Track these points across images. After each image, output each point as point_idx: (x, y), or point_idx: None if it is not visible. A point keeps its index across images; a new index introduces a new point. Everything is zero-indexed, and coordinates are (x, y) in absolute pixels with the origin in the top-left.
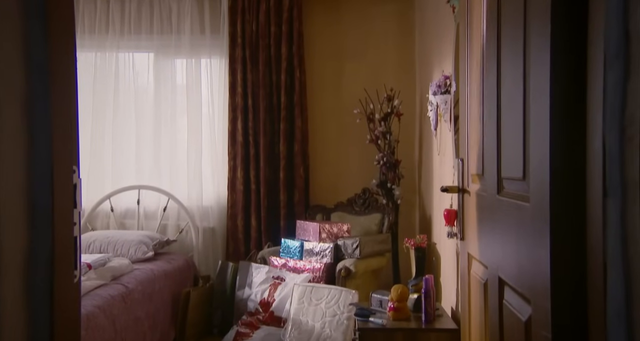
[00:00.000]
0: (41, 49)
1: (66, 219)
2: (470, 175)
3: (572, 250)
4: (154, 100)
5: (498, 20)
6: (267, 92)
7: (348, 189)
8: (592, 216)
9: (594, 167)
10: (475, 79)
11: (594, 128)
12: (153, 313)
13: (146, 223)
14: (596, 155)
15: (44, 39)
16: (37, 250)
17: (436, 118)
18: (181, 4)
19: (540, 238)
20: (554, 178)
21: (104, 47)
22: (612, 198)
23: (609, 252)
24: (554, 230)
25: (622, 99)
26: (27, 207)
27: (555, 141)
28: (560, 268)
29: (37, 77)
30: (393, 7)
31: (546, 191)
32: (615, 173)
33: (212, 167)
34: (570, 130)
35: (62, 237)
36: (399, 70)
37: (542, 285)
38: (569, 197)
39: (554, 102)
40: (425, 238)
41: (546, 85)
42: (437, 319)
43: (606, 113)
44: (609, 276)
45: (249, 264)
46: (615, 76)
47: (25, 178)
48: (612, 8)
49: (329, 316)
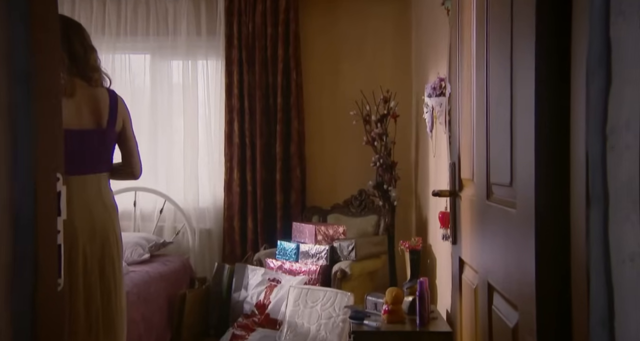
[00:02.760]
0: (24, 57)
1: (50, 227)
2: (462, 179)
3: (557, 258)
4: (150, 102)
5: (486, 25)
6: (264, 93)
7: (344, 191)
8: (576, 224)
9: (578, 176)
10: (466, 82)
11: (577, 136)
12: (148, 315)
13: (143, 224)
14: (579, 163)
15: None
16: (20, 260)
17: (432, 120)
18: (177, 5)
19: (526, 245)
20: (538, 186)
21: (100, 48)
22: (595, 206)
23: (592, 261)
24: (539, 237)
25: (604, 108)
26: (9, 216)
27: (540, 148)
28: (546, 276)
29: (20, 87)
30: (390, 9)
31: (531, 198)
32: (598, 182)
33: (208, 168)
34: (554, 138)
35: (46, 246)
36: (396, 72)
37: (528, 292)
38: (554, 204)
39: (539, 109)
40: (420, 241)
41: (531, 92)
42: (431, 322)
43: (589, 121)
44: (592, 285)
45: (245, 266)
46: (597, 84)
47: (8, 187)
48: (594, 16)
49: (325, 319)
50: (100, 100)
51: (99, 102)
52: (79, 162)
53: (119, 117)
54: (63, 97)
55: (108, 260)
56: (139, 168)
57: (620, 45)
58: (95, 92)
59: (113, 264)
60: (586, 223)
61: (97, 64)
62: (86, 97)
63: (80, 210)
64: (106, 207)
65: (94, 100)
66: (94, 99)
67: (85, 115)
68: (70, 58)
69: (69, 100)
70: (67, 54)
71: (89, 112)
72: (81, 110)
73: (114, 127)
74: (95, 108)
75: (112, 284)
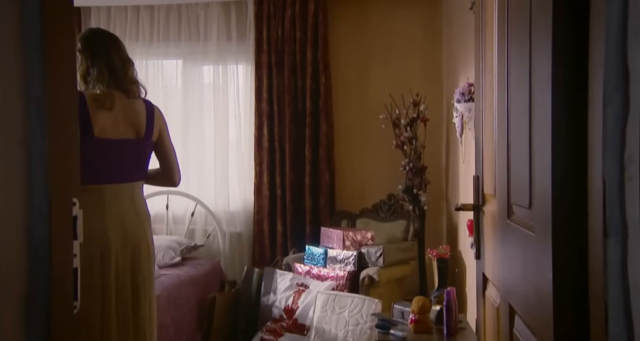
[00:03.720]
0: (39, 85)
1: (65, 252)
2: (485, 194)
3: (574, 288)
4: (182, 107)
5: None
6: (293, 97)
7: (373, 195)
8: (594, 255)
9: (595, 205)
10: (488, 95)
11: (594, 165)
12: (178, 319)
13: (175, 227)
14: (597, 192)
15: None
16: (35, 284)
17: (461, 125)
18: (208, 11)
19: (544, 271)
20: (555, 213)
21: (134, 54)
22: (613, 238)
23: (610, 294)
24: (556, 265)
25: (621, 137)
26: (25, 241)
27: (557, 174)
28: (563, 306)
29: (35, 113)
30: (419, 12)
31: (549, 225)
32: (615, 213)
33: (238, 172)
34: (572, 165)
35: (61, 270)
36: (426, 75)
37: (546, 320)
38: (572, 233)
39: (556, 134)
40: (448, 249)
41: (548, 116)
42: (459, 332)
43: (606, 150)
44: (610, 318)
45: (274, 270)
46: (614, 112)
47: (23, 212)
48: (610, 41)
49: (352, 325)
50: (137, 111)
51: (136, 113)
52: (114, 171)
53: (155, 127)
54: (102, 110)
55: (138, 269)
56: (178, 176)
57: (638, 72)
58: (132, 104)
59: (143, 273)
60: (603, 255)
61: (134, 76)
62: (124, 108)
63: (113, 219)
64: (139, 215)
65: (131, 111)
66: (131, 110)
67: (122, 125)
68: (110, 72)
69: (107, 112)
70: (107, 68)
71: (126, 122)
72: (118, 121)
73: (151, 137)
74: (132, 119)
75: (142, 292)
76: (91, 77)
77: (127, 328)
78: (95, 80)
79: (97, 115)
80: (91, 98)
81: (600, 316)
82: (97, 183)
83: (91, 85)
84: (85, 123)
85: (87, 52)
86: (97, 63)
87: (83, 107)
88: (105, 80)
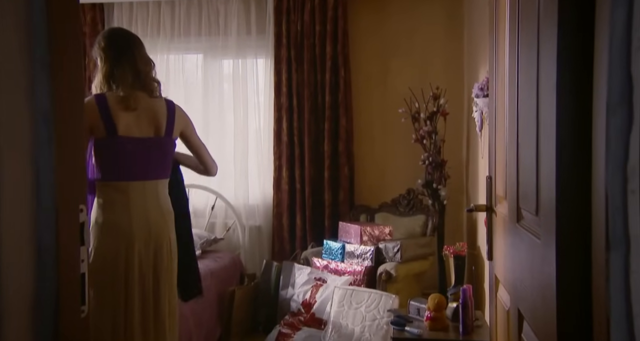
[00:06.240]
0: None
1: (72, 258)
2: (497, 195)
3: (578, 298)
4: (202, 101)
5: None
6: (312, 91)
7: (393, 189)
8: (597, 267)
9: (598, 218)
10: (500, 94)
11: (598, 177)
12: (199, 311)
13: (195, 221)
14: (600, 203)
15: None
16: (42, 289)
17: (481, 120)
18: (228, 6)
19: (549, 279)
20: (559, 223)
21: (155, 49)
22: (615, 251)
23: (612, 306)
24: (559, 275)
25: (624, 149)
26: (32, 248)
27: (561, 185)
28: (567, 317)
29: (42, 125)
30: (440, 5)
31: (553, 234)
32: (618, 226)
33: (258, 166)
34: (577, 175)
35: (68, 275)
36: (446, 69)
37: (551, 331)
38: (576, 243)
39: (560, 141)
40: (464, 246)
41: (553, 124)
42: (475, 330)
43: (609, 162)
44: (612, 331)
45: (292, 264)
46: (618, 124)
47: (30, 220)
48: (614, 51)
49: (369, 321)
50: (158, 110)
51: (158, 111)
52: (139, 169)
53: (177, 125)
54: (127, 111)
55: (160, 264)
56: (214, 167)
57: None
58: (154, 103)
59: (164, 268)
60: (606, 267)
61: (155, 76)
62: (146, 108)
63: (138, 216)
64: (162, 212)
65: (153, 110)
66: (153, 109)
67: (145, 124)
68: (134, 73)
69: (131, 111)
70: (131, 69)
71: (148, 121)
72: (141, 120)
73: (171, 135)
74: (154, 118)
75: (163, 286)
76: (115, 78)
77: (148, 320)
78: (119, 82)
79: (121, 115)
80: (114, 100)
81: (603, 330)
82: (123, 180)
83: (115, 86)
84: (110, 125)
85: (111, 52)
86: (122, 64)
87: (106, 109)
88: (129, 81)
